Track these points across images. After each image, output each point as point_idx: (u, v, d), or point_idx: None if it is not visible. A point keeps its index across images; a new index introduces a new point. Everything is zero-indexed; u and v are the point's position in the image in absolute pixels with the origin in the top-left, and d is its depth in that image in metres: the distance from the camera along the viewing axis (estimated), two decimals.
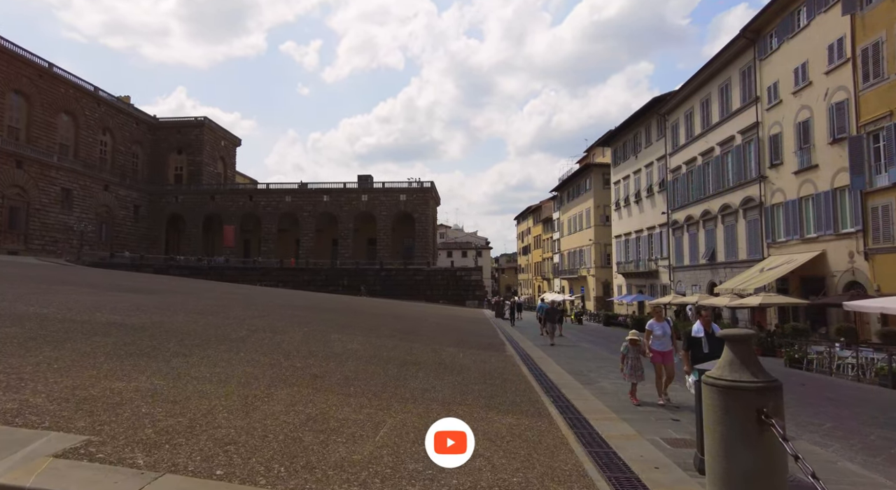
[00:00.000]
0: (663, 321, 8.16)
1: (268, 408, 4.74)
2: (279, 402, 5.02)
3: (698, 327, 6.86)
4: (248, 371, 6.26)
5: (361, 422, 4.66)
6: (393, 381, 6.88)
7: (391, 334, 12.63)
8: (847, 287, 19.00)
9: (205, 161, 69.00)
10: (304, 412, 4.74)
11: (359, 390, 6.02)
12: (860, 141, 18.12)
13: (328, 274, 57.10)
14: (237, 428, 4.01)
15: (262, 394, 5.25)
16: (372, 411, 5.09)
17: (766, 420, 2.43)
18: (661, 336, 7.89)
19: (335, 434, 4.22)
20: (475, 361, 9.83)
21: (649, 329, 8.04)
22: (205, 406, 4.50)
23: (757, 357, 2.77)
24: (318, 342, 9.55)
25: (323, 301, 23.30)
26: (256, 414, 4.49)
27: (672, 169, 33.84)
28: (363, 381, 6.55)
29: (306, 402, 5.11)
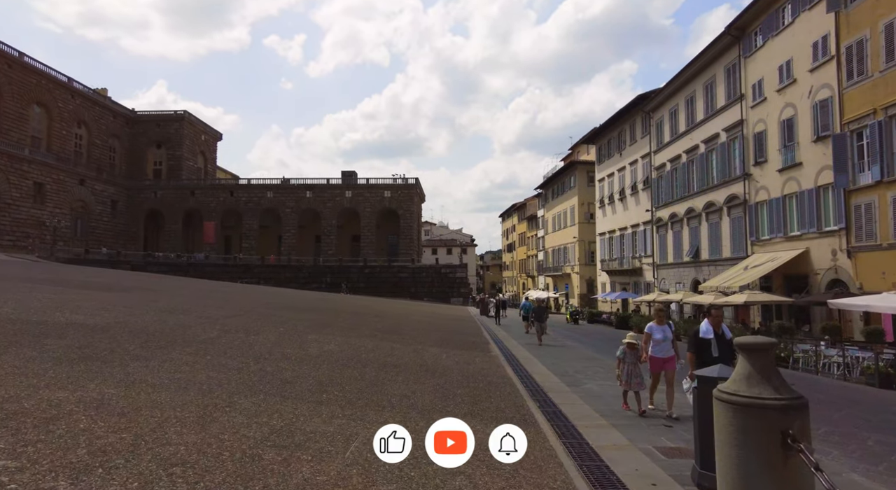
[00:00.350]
0: (664, 324, 7.33)
1: (228, 419, 4.30)
2: (242, 412, 4.58)
3: (707, 328, 6.05)
4: (213, 376, 5.79)
5: (331, 435, 4.25)
6: (370, 386, 6.46)
7: (372, 334, 12.20)
8: (830, 285, 19.02)
9: (185, 155, 67.55)
10: (268, 424, 4.31)
11: (332, 397, 5.60)
12: (844, 139, 18.10)
13: (311, 271, 56.31)
14: (189, 445, 3.57)
15: (224, 402, 4.80)
16: (344, 422, 4.68)
17: (793, 444, 2.09)
18: (661, 340, 7.12)
19: (300, 450, 3.80)
20: (458, 363, 9.45)
21: (648, 332, 7.27)
22: (156, 418, 4.04)
23: (778, 369, 2.41)
24: (293, 343, 9.09)
25: (303, 299, 22.76)
26: (214, 427, 4.05)
27: (657, 166, 33.81)
28: (338, 387, 6.12)
29: (272, 412, 4.67)
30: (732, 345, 5.78)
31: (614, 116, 40.14)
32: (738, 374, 2.43)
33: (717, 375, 4.00)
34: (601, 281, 44.48)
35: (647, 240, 35.50)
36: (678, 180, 31.02)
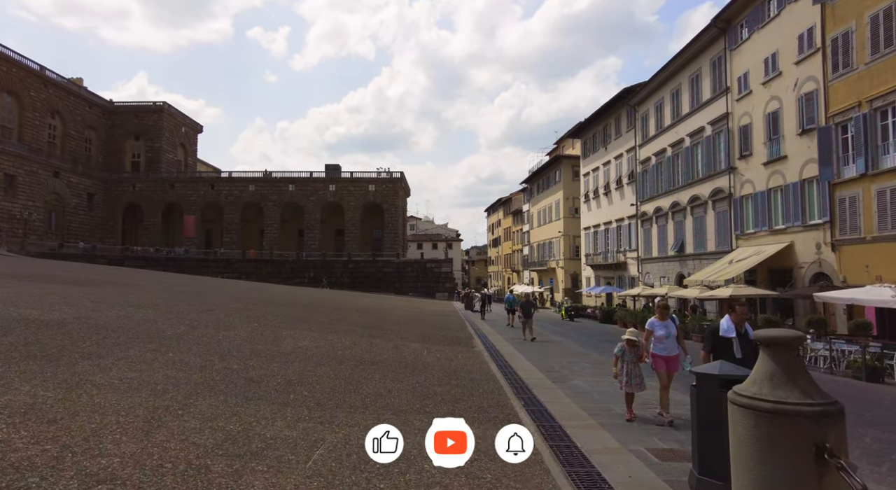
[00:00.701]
0: (667, 319, 6.73)
1: (178, 424, 3.85)
2: (196, 415, 4.13)
3: (728, 325, 5.33)
4: (171, 376, 5.32)
5: (294, 441, 3.82)
6: (343, 384, 6.04)
7: (350, 329, 11.75)
8: (814, 278, 18.99)
9: (164, 148, 66.06)
10: (223, 429, 3.87)
11: (300, 398, 5.17)
12: (829, 132, 18.03)
13: (293, 265, 55.50)
14: (125, 456, 3.13)
15: (178, 405, 4.35)
16: (310, 425, 4.25)
17: (829, 459, 1.73)
18: (663, 337, 6.53)
19: (256, 459, 3.38)
20: (440, 359, 9.06)
21: (649, 328, 6.68)
22: (92, 425, 3.58)
23: (805, 368, 2.05)
24: (266, 339, 8.61)
25: (282, 294, 22.19)
26: (160, 433, 3.60)
27: (642, 160, 33.70)
28: (307, 386, 5.69)
29: (230, 416, 4.23)
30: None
31: (599, 110, 39.96)
32: (758, 373, 2.07)
33: (719, 372, 3.65)
34: (586, 275, 44.43)
35: (632, 234, 35.44)
36: (663, 174, 30.93)
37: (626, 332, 6.72)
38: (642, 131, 33.92)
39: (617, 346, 6.66)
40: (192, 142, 75.11)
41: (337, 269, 55.28)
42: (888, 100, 15.92)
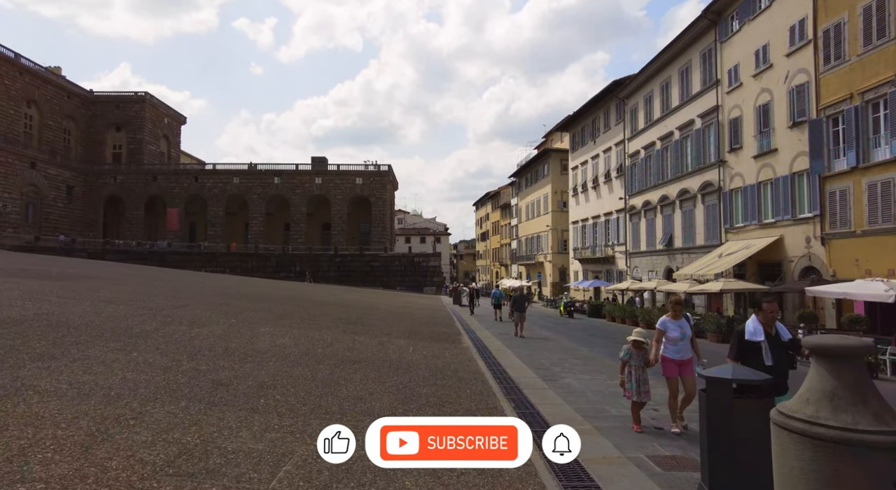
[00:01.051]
0: (681, 318, 5.92)
1: (127, 437, 3.42)
2: (150, 425, 3.69)
3: (755, 327, 4.47)
4: (130, 378, 4.87)
5: (259, 455, 3.41)
6: (321, 386, 5.62)
7: (334, 325, 11.31)
8: (803, 272, 18.89)
9: (146, 139, 64.67)
10: (178, 442, 3.44)
11: (271, 403, 4.74)
12: (820, 124, 17.85)
13: (279, 259, 54.73)
14: (53, 479, 2.69)
15: (132, 414, 3.91)
16: (279, 436, 3.84)
17: None
18: (677, 339, 5.75)
19: (211, 478, 2.96)
20: (426, 356, 8.67)
21: (661, 328, 5.88)
22: (23, 441, 3.13)
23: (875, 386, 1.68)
24: (242, 337, 8.15)
25: (265, 288, 21.64)
26: (102, 449, 3.16)
27: (630, 154, 33.49)
28: (281, 389, 5.26)
29: (189, 426, 3.80)
30: (794, 348, 4.55)
31: (588, 103, 39.66)
32: (813, 391, 1.68)
33: (732, 376, 3.29)
34: (574, 269, 44.31)
35: (620, 228, 35.29)
36: (652, 168, 30.74)
37: (633, 333, 5.93)
38: (631, 124, 33.69)
39: (622, 349, 5.88)
40: (176, 133, 73.67)
41: (324, 263, 54.62)
42: (880, 92, 15.75)
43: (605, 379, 8.01)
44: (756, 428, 3.21)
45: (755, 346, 4.35)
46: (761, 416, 3.27)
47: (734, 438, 3.21)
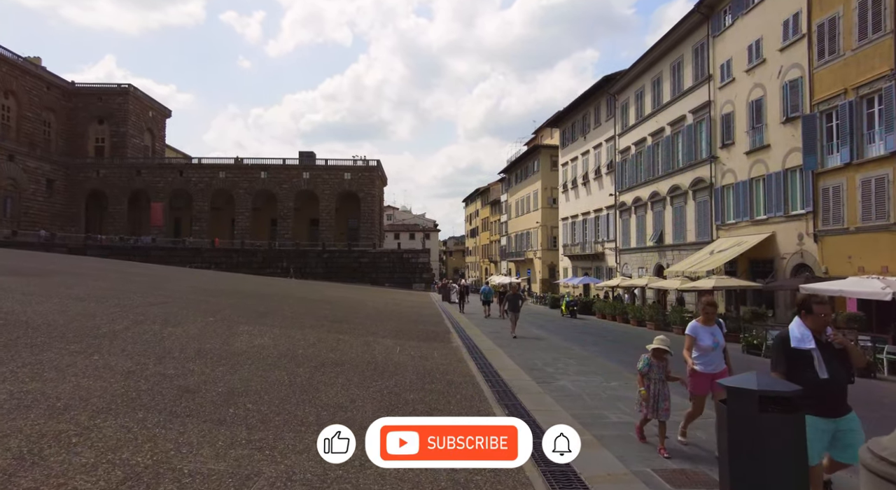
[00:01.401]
0: (713, 324, 4.99)
1: (63, 460, 2.97)
2: (95, 444, 3.24)
3: (802, 332, 3.59)
4: (83, 386, 4.40)
5: (219, 477, 2.98)
6: (298, 393, 5.18)
7: (317, 324, 10.85)
8: (795, 269, 18.75)
9: (130, 132, 63.40)
10: (126, 464, 3.00)
11: (240, 413, 4.30)
12: (813, 120, 17.67)
13: (266, 255, 53.98)
14: None
15: (77, 429, 3.45)
16: (245, 453, 3.40)
17: None
18: (708, 348, 4.81)
19: None
20: (414, 357, 8.25)
21: (692, 335, 4.91)
22: None
23: None
24: (218, 337, 7.67)
25: (249, 284, 21.07)
26: (28, 476, 2.71)
27: (621, 150, 33.27)
28: (254, 396, 4.82)
29: (143, 442, 3.35)
30: (850, 358, 3.64)
31: (579, 99, 39.38)
32: None
33: (758, 386, 2.91)
34: (563, 266, 44.13)
35: (611, 224, 35.10)
36: (643, 164, 30.53)
37: (655, 340, 5.06)
38: (622, 120, 33.45)
39: (641, 359, 5.08)
40: (160, 127, 72.39)
41: (311, 259, 53.96)
42: (875, 87, 15.57)
43: (602, 381, 7.66)
44: (785, 447, 2.84)
45: (804, 355, 3.48)
46: (791, 434, 2.89)
47: (761, 459, 2.84)
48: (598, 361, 9.87)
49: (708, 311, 5.08)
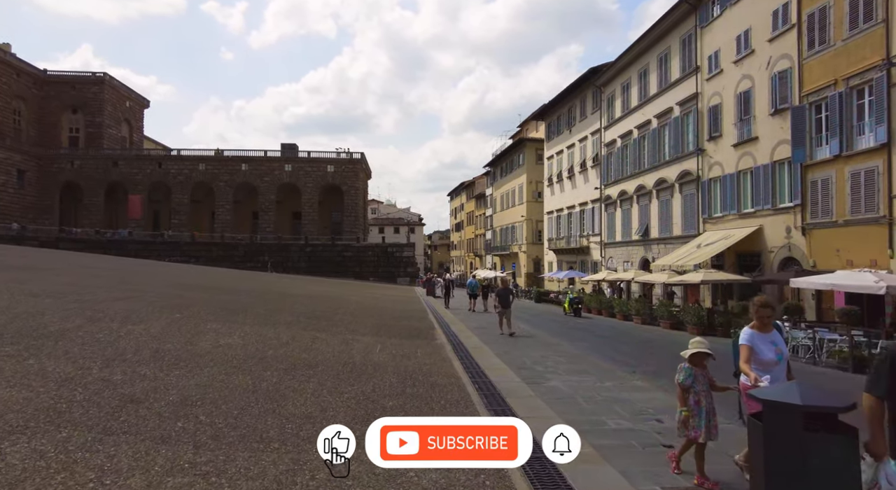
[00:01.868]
0: (772, 330, 4.09)
1: None
2: None
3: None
4: (5, 397, 3.78)
5: None
6: (262, 401, 4.62)
7: (293, 321, 10.25)
8: (783, 263, 18.56)
9: (106, 122, 61.60)
10: None
11: (190, 427, 3.73)
12: (802, 111, 17.41)
13: (247, 249, 52.99)
14: None
15: None
16: (186, 482, 2.84)
17: None
18: (771, 362, 3.94)
19: None
20: (395, 357, 7.71)
21: (748, 344, 3.97)
22: None
23: None
24: (181, 336, 7.06)
25: (227, 279, 20.31)
26: None
27: (607, 143, 32.95)
28: (208, 406, 4.25)
29: (56, 471, 2.77)
30: None
31: (565, 91, 38.96)
32: None
33: (801, 401, 2.43)
34: (548, 260, 43.86)
35: (596, 218, 34.84)
36: (629, 157, 30.24)
37: (691, 344, 4.27)
38: (608, 113, 33.12)
39: (679, 370, 4.22)
40: (138, 117, 70.52)
41: (293, 253, 53.10)
42: (865, 78, 15.32)
43: (595, 381, 7.21)
44: (833, 471, 2.36)
45: None
46: (841, 456, 2.41)
47: (804, 484, 2.36)
48: (589, 360, 9.43)
49: (763, 314, 4.07)
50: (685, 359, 4.22)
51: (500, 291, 14.45)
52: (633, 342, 14.73)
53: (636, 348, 12.97)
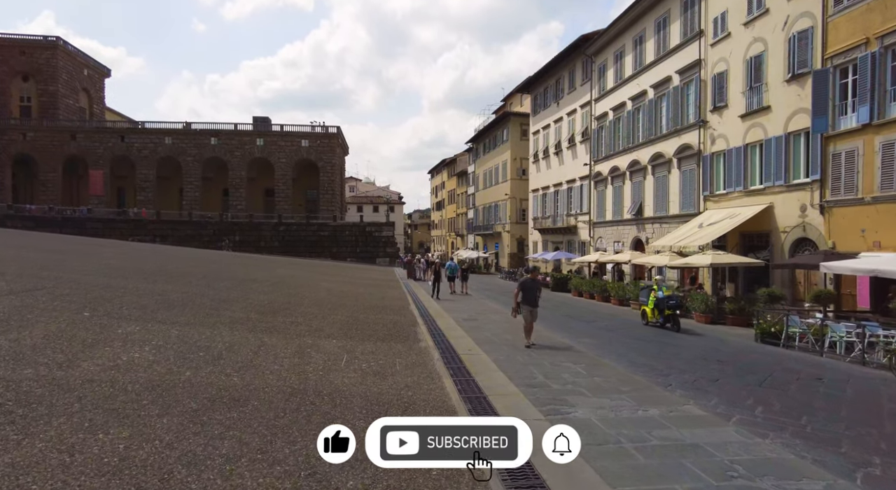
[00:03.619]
0: None
1: None
2: None
3: None
4: None
5: None
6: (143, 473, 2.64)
7: (242, 318, 8.22)
8: (795, 245, 17.06)
9: (61, 91, 57.52)
10: None
11: None
12: (826, 76, 15.69)
13: (216, 228, 50.27)
14: None
15: None
16: None
17: None
18: None
19: None
20: (365, 375, 5.78)
21: None
22: None
23: None
24: (69, 349, 5.01)
25: (183, 262, 18.02)
26: None
27: (597, 116, 31.05)
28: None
29: None
30: None
31: (552, 61, 36.76)
32: None
33: None
34: (533, 240, 42.21)
35: (584, 196, 33.12)
36: (622, 131, 28.41)
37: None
38: (599, 84, 31.13)
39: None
40: (99, 87, 66.19)
41: (266, 232, 50.58)
42: None
43: (635, 405, 5.40)
44: None
45: None
46: None
47: None
48: (610, 368, 7.62)
49: None
50: None
51: (526, 283, 9.66)
52: (646, 336, 13.08)
53: (655, 347, 11.26)
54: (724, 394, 6.69)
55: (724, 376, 8.14)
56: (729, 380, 7.88)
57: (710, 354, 10.19)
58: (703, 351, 10.62)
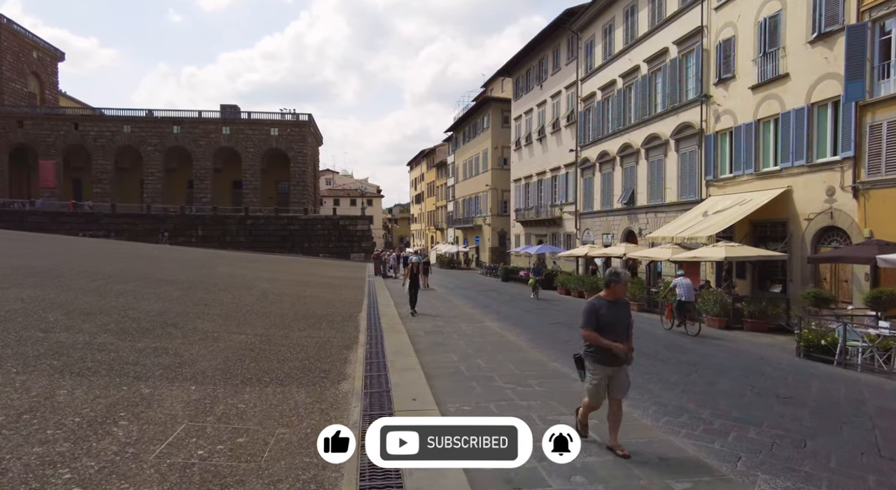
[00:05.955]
0: None
1: None
2: None
3: None
4: None
5: None
6: None
7: (73, 343, 5.30)
8: (820, 234, 14.61)
9: (6, 75, 53.06)
10: None
11: None
12: (862, 32, 13.16)
13: (177, 222, 46.53)
14: None
15: None
16: None
17: None
18: None
19: None
20: (183, 485, 2.99)
21: None
22: None
23: None
24: None
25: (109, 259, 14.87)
26: None
27: (584, 97, 28.39)
28: None
29: None
30: None
31: (535, 40, 33.95)
32: None
33: None
34: (515, 233, 39.55)
35: (570, 185, 30.48)
36: (611, 112, 25.79)
37: None
38: (586, 62, 28.44)
39: None
40: (51, 72, 61.57)
41: (232, 226, 47.02)
42: None
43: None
44: None
45: None
46: None
47: None
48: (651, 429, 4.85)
49: None
50: None
51: (599, 307, 4.44)
52: (660, 346, 10.45)
53: (675, 371, 8.60)
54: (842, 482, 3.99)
55: (810, 431, 5.16)
56: (825, 440, 4.94)
57: (756, 380, 7.53)
58: (741, 372, 7.99)
